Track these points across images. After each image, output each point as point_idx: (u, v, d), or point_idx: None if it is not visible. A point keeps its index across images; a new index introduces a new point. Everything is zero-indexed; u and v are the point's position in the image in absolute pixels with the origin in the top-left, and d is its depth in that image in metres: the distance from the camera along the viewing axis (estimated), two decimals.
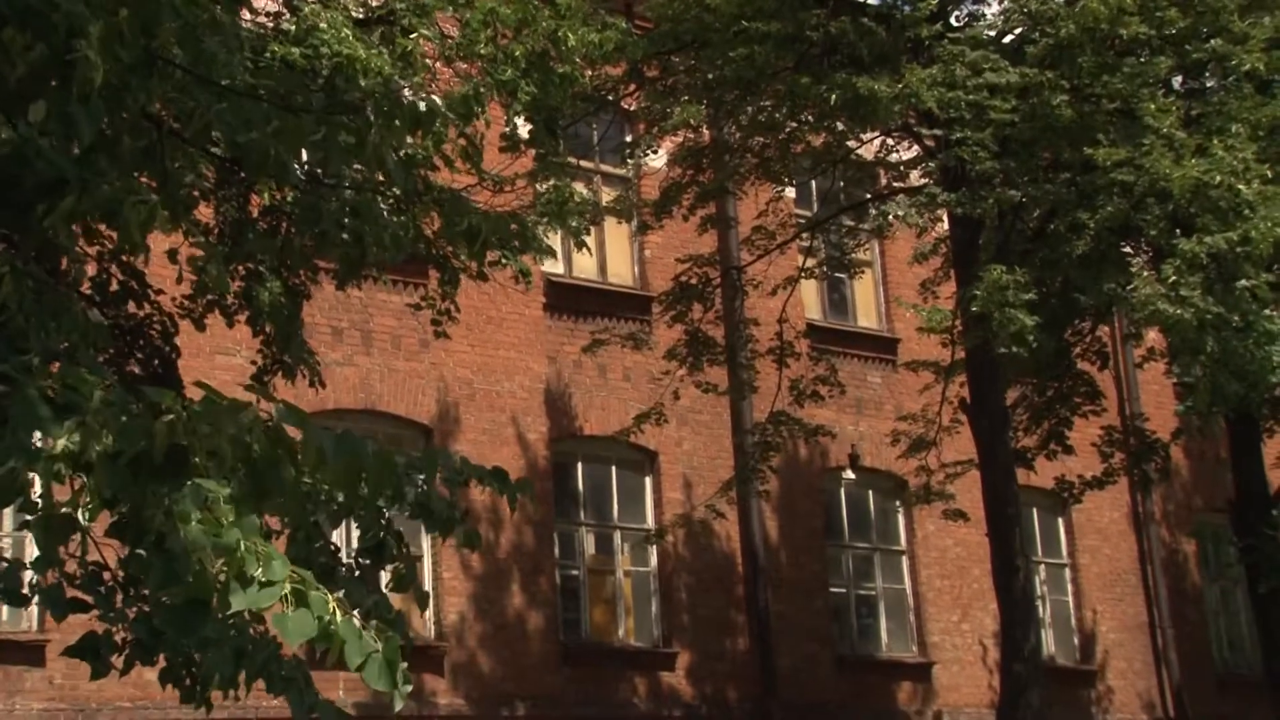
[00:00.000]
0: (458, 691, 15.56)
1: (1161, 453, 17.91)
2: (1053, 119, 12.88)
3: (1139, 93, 12.85)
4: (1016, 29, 13.87)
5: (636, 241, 17.61)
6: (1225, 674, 21.24)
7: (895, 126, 14.48)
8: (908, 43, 13.45)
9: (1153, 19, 12.75)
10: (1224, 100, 13.43)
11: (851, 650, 18.58)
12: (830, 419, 17.22)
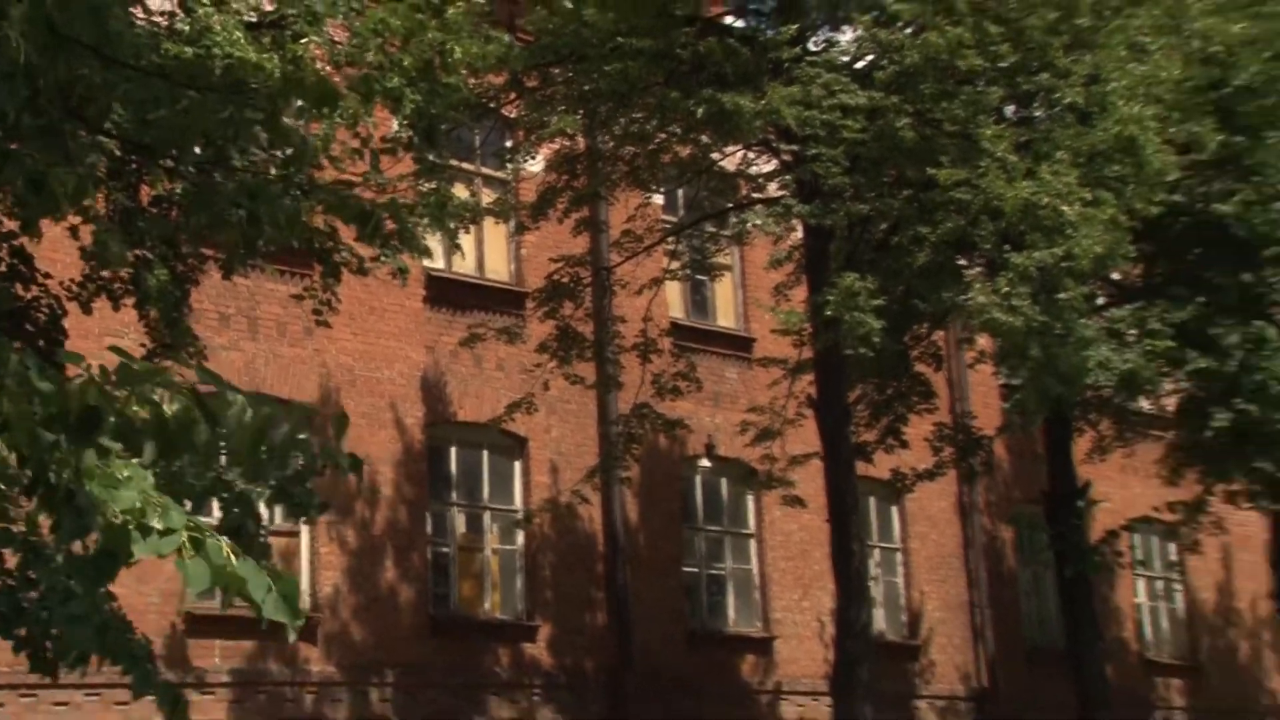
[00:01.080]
0: (330, 660, 15.28)
1: (986, 448, 18.24)
2: (898, 140, 12.94)
3: (976, 119, 12.96)
4: (867, 56, 13.90)
5: (514, 241, 17.40)
6: (1034, 649, 21.57)
7: (756, 141, 14.44)
8: (769, 64, 13.40)
9: (988, 53, 12.84)
10: (1050, 129, 13.58)
11: (702, 625, 18.59)
12: (689, 411, 17.19)
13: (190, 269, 9.96)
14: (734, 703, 18.35)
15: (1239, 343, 15.60)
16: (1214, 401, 16.01)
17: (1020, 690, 20.97)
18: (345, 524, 15.30)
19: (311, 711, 15.14)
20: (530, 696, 16.70)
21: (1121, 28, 13.55)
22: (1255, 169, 15.64)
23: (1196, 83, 14.76)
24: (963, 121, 12.98)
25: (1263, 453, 16.03)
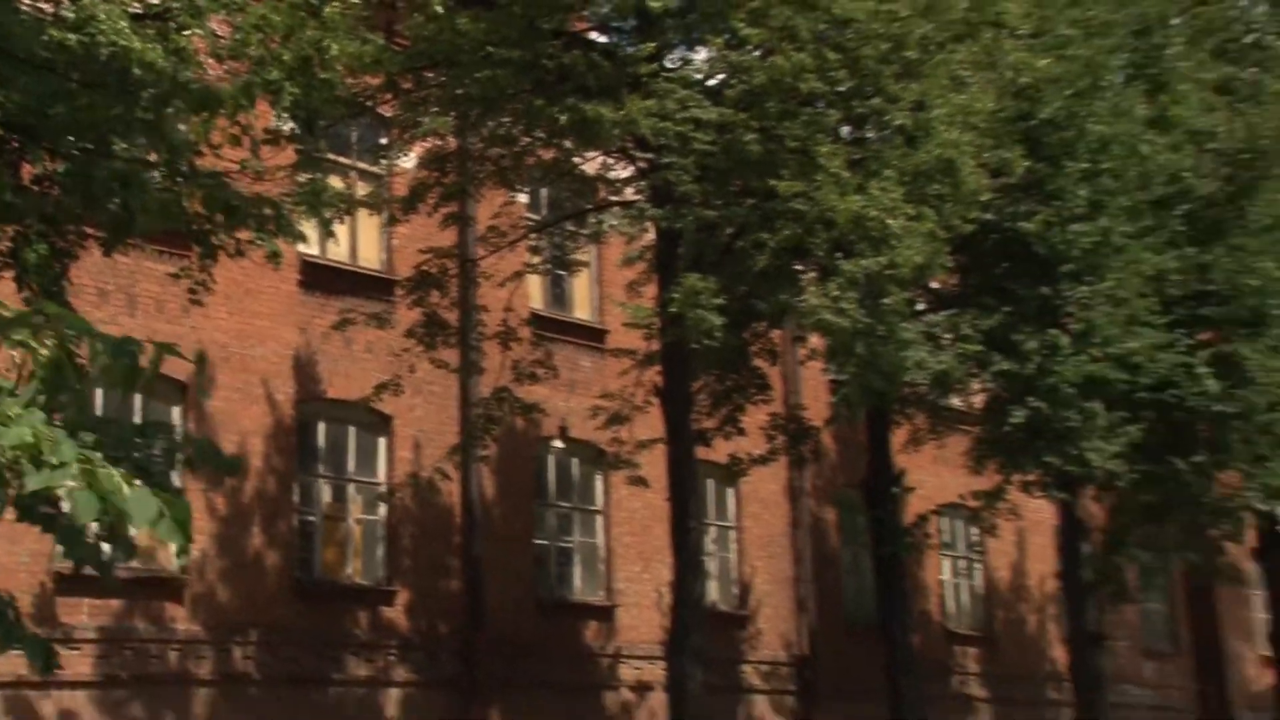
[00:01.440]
0: (196, 619, 14.95)
1: (814, 437, 18.45)
2: (744, 153, 13.01)
3: (814, 137, 13.05)
4: (719, 75, 13.91)
5: (386, 232, 17.14)
6: (851, 620, 21.76)
7: (614, 148, 14.38)
8: (628, 78, 13.32)
9: (827, 78, 12.94)
10: (880, 149, 13.69)
11: (550, 594, 18.55)
12: (544, 396, 17.09)
13: (70, 245, 9.64)
14: (577, 665, 18.40)
15: (1037, 349, 15.75)
16: (1013, 401, 16.12)
17: (837, 657, 21.23)
18: (214, 491, 14.96)
19: (176, 668, 14.79)
20: (387, 656, 16.50)
21: (944, 61, 13.71)
22: (1056, 194, 15.87)
23: (1008, 114, 14.93)
24: (802, 139, 13.06)
25: (1053, 448, 16.18)
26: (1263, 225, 18.11)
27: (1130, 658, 26.24)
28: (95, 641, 14.04)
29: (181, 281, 11.07)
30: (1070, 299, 16.13)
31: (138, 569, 13.87)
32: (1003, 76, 14.91)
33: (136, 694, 14.38)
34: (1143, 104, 17.06)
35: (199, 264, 10.52)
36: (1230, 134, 18.46)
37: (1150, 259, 16.64)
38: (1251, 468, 18.44)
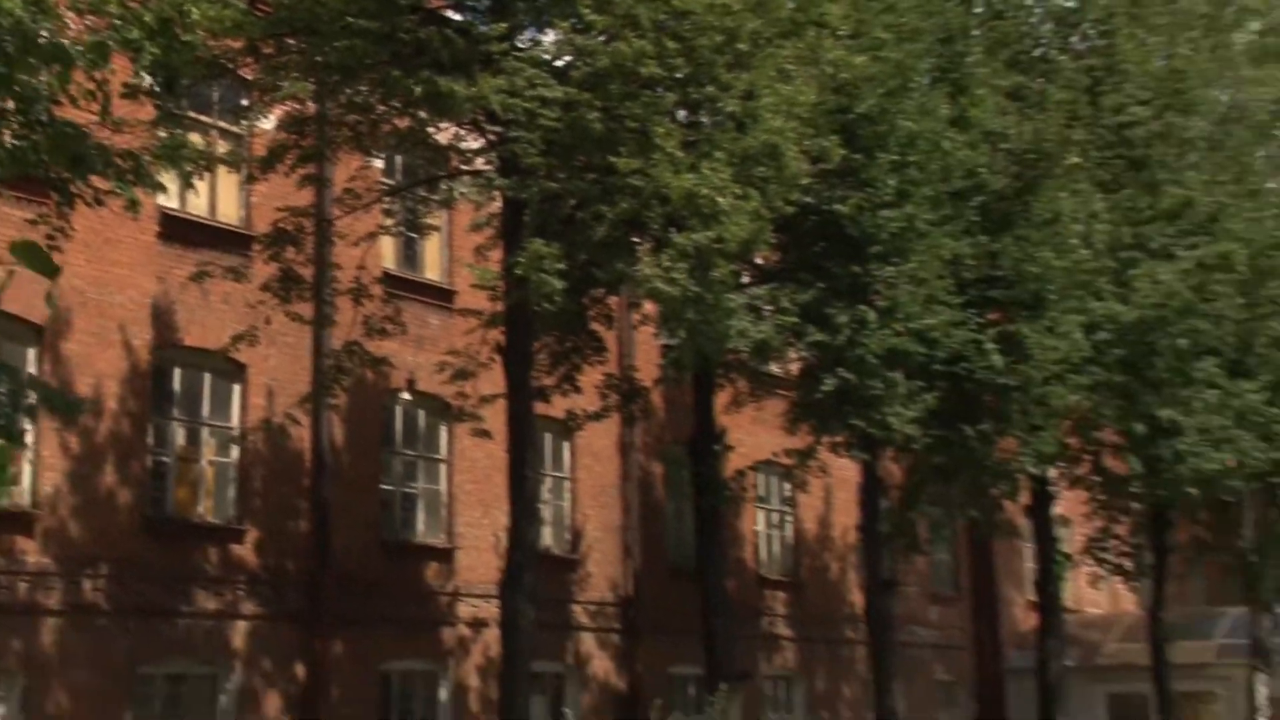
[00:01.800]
0: (47, 552, 14.34)
1: (645, 396, 18.51)
2: (587, 130, 12.96)
3: (652, 118, 13.06)
4: (566, 56, 13.79)
5: (244, 189, 16.61)
6: (673, 566, 21.83)
7: (466, 121, 14.18)
8: (481, 55, 13.16)
9: (665, 64, 12.96)
10: (712, 132, 13.75)
11: (394, 536, 18.28)
12: (394, 351, 16.81)
13: None
14: (418, 603, 18.20)
15: (847, 322, 15.89)
16: (825, 369, 16.24)
17: (659, 599, 21.34)
18: (69, 430, 14.37)
19: (25, 599, 14.18)
20: (235, 591, 16.07)
21: (772, 55, 13.79)
22: (868, 181, 16.00)
23: (827, 106, 15.07)
24: (641, 119, 13.04)
25: (859, 413, 16.34)
26: (1044, 219, 18.43)
27: (918, 602, 26.86)
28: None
29: (40, 227, 10.57)
30: (878, 278, 16.25)
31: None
32: (824, 72, 15.05)
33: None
34: (945, 105, 17.20)
35: (56, 211, 10.15)
36: (1019, 136, 18.76)
37: (948, 245, 16.82)
38: (1027, 435, 18.65)
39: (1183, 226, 21.19)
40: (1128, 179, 21.07)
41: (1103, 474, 23.18)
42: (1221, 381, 21.18)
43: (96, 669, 14.57)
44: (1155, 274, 20.13)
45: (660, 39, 12.94)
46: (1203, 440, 20.79)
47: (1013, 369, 17.72)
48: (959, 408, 17.69)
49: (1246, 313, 21.66)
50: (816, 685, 24.58)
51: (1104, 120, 20.85)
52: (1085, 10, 22.38)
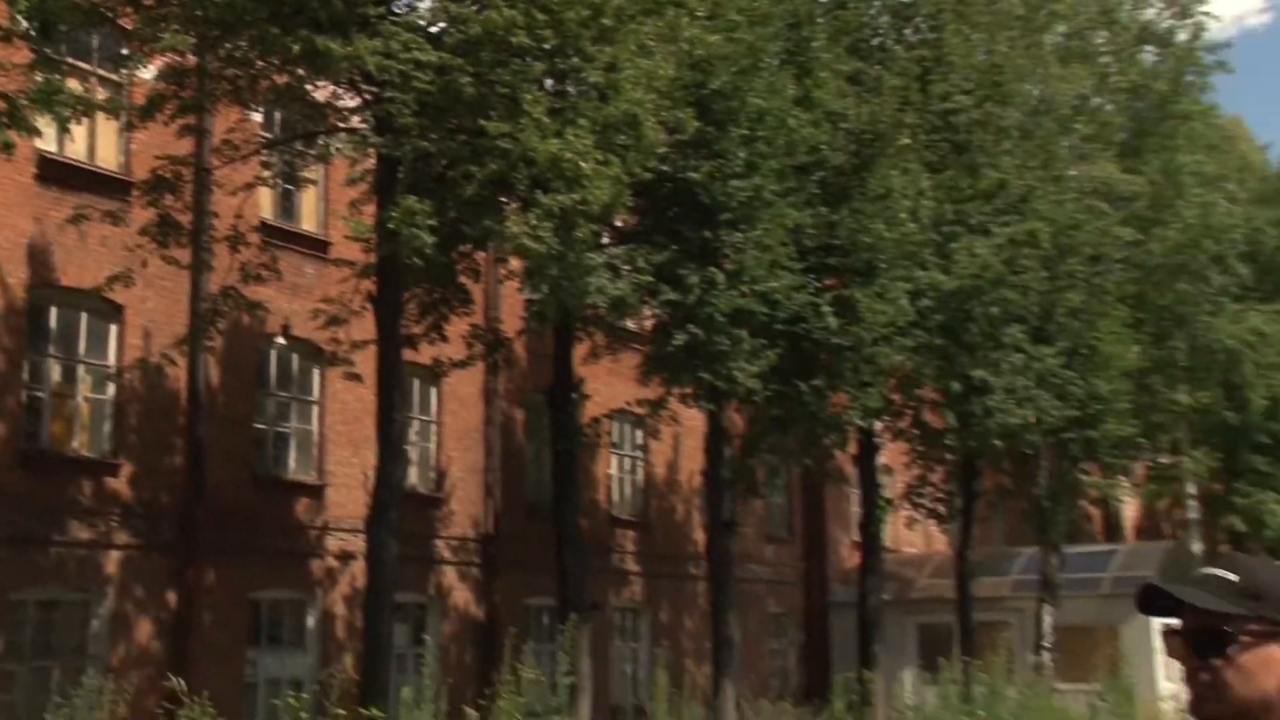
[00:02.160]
0: None
1: (508, 347, 18.42)
2: (459, 94, 12.77)
3: (521, 85, 12.94)
4: (440, 22, 13.59)
5: (124, 136, 15.99)
6: (531, 505, 21.89)
7: (343, 80, 13.83)
8: (358, 17, 12.83)
9: (534, 34, 12.83)
10: (577, 101, 13.68)
11: (267, 472, 17.99)
12: (270, 297, 16.45)
13: None
14: (289, 535, 18.00)
15: (697, 283, 15.91)
16: (676, 326, 16.26)
17: (517, 535, 21.32)
18: None
19: None
20: (109, 522, 15.68)
21: (634, 31, 13.72)
22: (720, 153, 16.00)
23: (684, 81, 15.04)
24: (511, 86, 12.92)
25: (706, 367, 16.39)
26: (877, 194, 18.58)
27: (755, 541, 27.11)
28: None
29: None
30: (727, 243, 16.27)
31: None
32: (681, 49, 15.03)
33: None
34: (791, 85, 17.31)
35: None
36: (857, 117, 18.68)
37: (791, 214, 16.90)
38: (857, 391, 18.75)
39: (997, 206, 21.42)
40: (951, 161, 21.33)
41: (921, 427, 23.44)
42: (1026, 346, 21.63)
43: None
44: (973, 248, 20.34)
45: (530, 10, 12.80)
46: (1008, 398, 21.13)
47: (845, 330, 17.81)
48: (796, 364, 17.76)
49: (1049, 285, 22.15)
50: (661, 617, 24.80)
51: (932, 107, 21.01)
52: (918, 6, 22.58)
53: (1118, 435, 24.27)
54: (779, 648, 28.38)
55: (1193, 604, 2.15)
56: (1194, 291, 27.02)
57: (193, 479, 16.51)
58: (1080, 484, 26.20)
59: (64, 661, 15.08)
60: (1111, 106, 26.82)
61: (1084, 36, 26.91)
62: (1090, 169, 24.99)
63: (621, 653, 23.93)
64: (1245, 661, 2.12)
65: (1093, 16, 27.10)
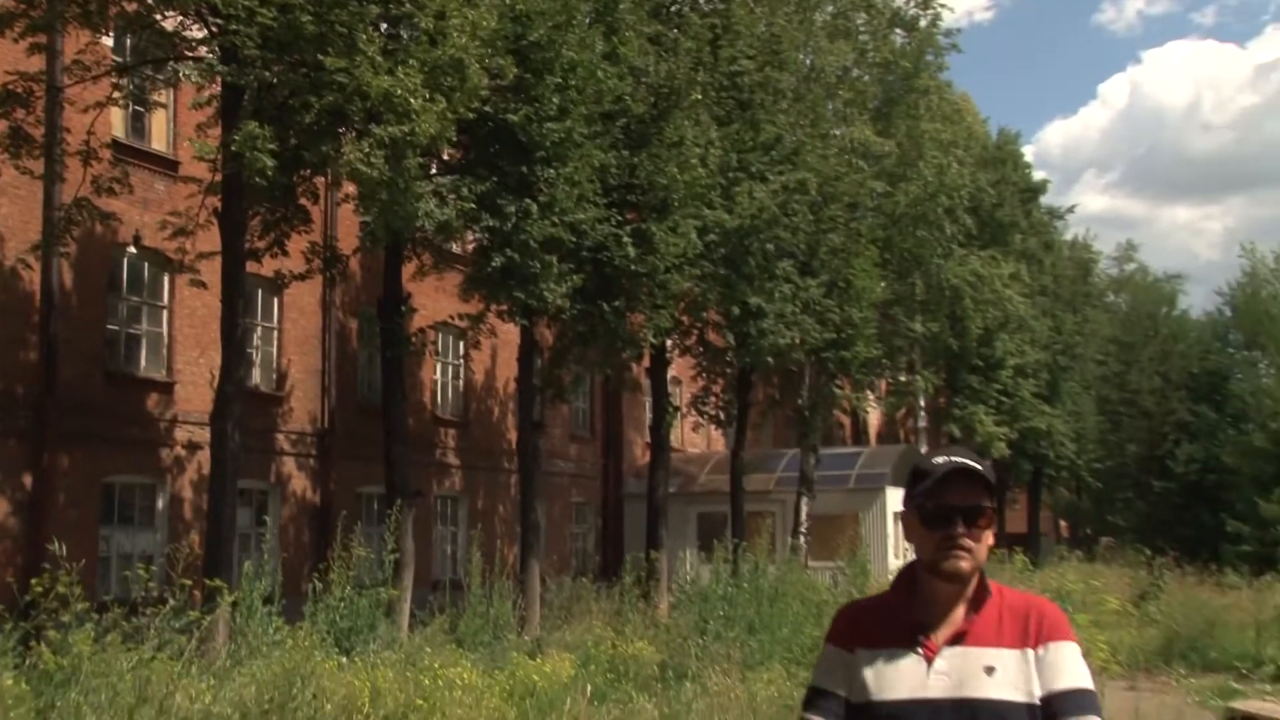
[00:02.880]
0: None
1: (343, 262, 18.28)
2: (300, 30, 12.60)
3: (357, 26, 12.82)
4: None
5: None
6: (363, 404, 21.92)
7: (190, 11, 13.35)
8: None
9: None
10: (408, 44, 13.55)
11: (119, 369, 17.55)
12: (122, 209, 16.05)
13: None
14: (140, 426, 17.68)
15: (514, 212, 15.87)
16: (494, 249, 16.17)
17: (350, 431, 21.48)
18: None
19: None
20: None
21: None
22: (536, 98, 15.95)
23: (505, 32, 15.02)
24: (348, 25, 12.77)
25: (520, 287, 16.34)
26: (672, 142, 18.68)
27: (560, 440, 27.77)
28: None
29: None
30: (541, 177, 16.18)
31: None
32: (504, 3, 15.10)
33: None
34: (600, 42, 17.31)
35: None
36: (656, 73, 18.95)
37: (598, 155, 16.96)
38: (651, 312, 19.00)
39: (773, 157, 21.67)
40: (735, 116, 21.47)
41: (705, 345, 23.82)
42: (794, 278, 22.31)
43: None
44: (752, 192, 20.63)
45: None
46: (778, 322, 21.59)
47: (642, 259, 17.95)
48: (599, 287, 17.90)
49: (814, 227, 22.86)
50: (477, 504, 25.08)
51: (720, 69, 21.19)
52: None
53: (865, 356, 25.18)
54: (579, 531, 28.96)
55: (973, 486, 2.46)
56: (930, 238, 28.32)
57: (45, 372, 16.01)
58: (834, 396, 27.02)
59: None
60: (867, 78, 27.53)
61: (847, 17, 27.60)
62: (850, 130, 25.69)
63: (442, 535, 24.12)
64: (987, 535, 2.50)
65: (854, 0, 27.87)
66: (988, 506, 2.48)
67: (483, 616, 12.01)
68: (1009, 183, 35.57)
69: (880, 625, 2.53)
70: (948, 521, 2.46)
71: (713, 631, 11.89)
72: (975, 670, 2.41)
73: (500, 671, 9.72)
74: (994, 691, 2.39)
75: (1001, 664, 2.41)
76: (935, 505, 2.48)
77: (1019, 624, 2.46)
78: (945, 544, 2.45)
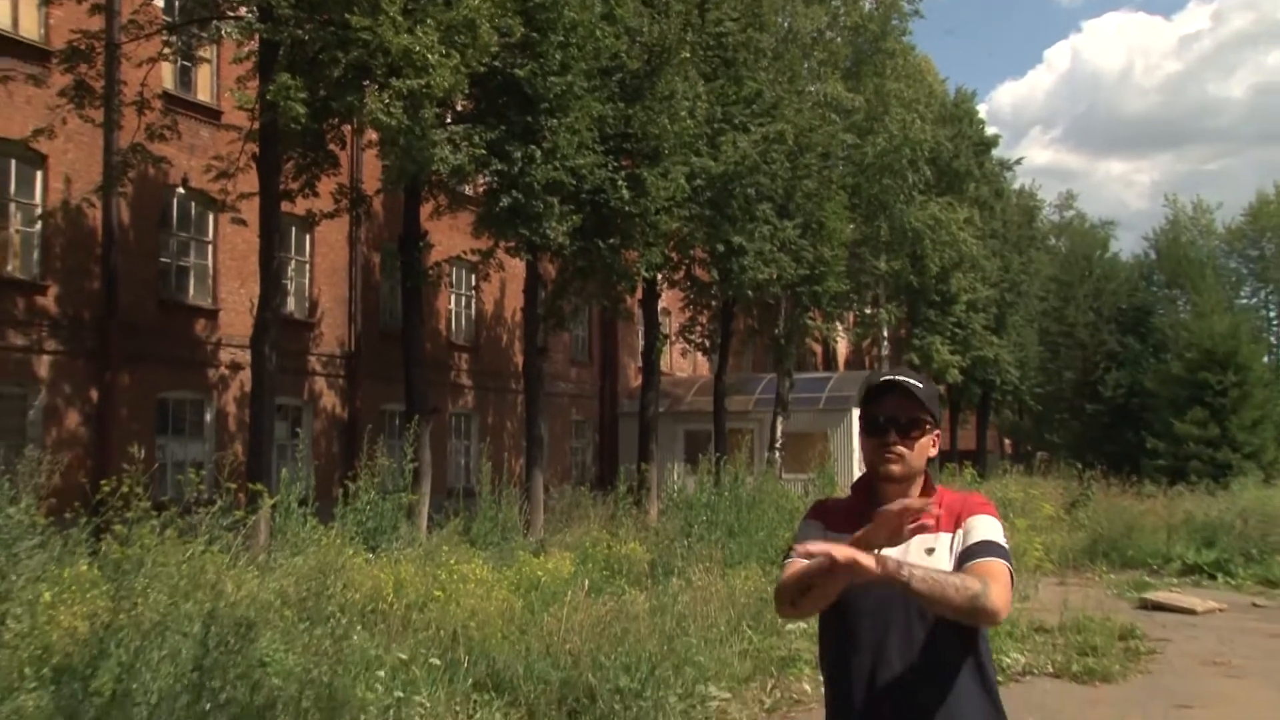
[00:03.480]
0: None
1: (368, 202, 18.34)
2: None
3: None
4: None
5: (43, 10, 15.30)
6: (385, 330, 21.84)
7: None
8: None
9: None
10: (425, 5, 13.30)
11: (171, 297, 17.83)
12: (172, 154, 16.26)
13: None
14: (189, 348, 17.99)
15: (520, 158, 15.78)
16: (502, 191, 16.03)
17: (374, 354, 21.58)
18: None
19: None
20: (40, 332, 15.51)
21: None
22: (541, 54, 15.85)
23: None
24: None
25: (526, 225, 16.24)
26: (663, 95, 18.54)
27: (562, 364, 27.82)
28: None
29: None
30: (545, 126, 16.09)
31: None
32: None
33: None
34: (599, 3, 17.15)
35: None
36: (649, 33, 18.76)
37: (597, 107, 16.88)
38: (643, 249, 18.88)
39: (754, 110, 21.61)
40: (720, 73, 21.32)
41: (692, 279, 23.78)
42: (772, 220, 22.20)
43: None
44: (735, 141, 20.47)
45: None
46: (758, 259, 21.56)
47: (635, 201, 17.88)
48: (597, 226, 17.85)
49: (790, 174, 22.71)
50: (487, 420, 25.22)
51: (707, 29, 21.01)
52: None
53: (835, 290, 25.27)
54: (578, 446, 29.00)
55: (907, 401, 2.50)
56: (894, 185, 28.31)
57: (107, 299, 16.33)
58: (807, 326, 27.06)
59: (7, 441, 14.98)
60: (839, 40, 27.32)
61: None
62: (823, 87, 25.57)
63: (456, 447, 24.22)
64: (924, 444, 2.57)
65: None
66: (920, 418, 2.52)
67: (492, 520, 12.23)
68: (964, 137, 35.55)
69: (844, 517, 2.59)
70: (884, 430, 2.53)
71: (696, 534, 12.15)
72: (918, 552, 2.46)
73: (508, 568, 9.78)
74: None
75: (939, 545, 2.49)
76: (871, 416, 2.55)
77: (953, 514, 2.53)
78: (881, 449, 2.53)
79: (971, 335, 35.14)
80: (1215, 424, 30.19)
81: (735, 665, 7.69)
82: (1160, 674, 8.80)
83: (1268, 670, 8.99)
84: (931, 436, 2.56)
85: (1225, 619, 11.78)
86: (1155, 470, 28.37)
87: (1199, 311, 34.96)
